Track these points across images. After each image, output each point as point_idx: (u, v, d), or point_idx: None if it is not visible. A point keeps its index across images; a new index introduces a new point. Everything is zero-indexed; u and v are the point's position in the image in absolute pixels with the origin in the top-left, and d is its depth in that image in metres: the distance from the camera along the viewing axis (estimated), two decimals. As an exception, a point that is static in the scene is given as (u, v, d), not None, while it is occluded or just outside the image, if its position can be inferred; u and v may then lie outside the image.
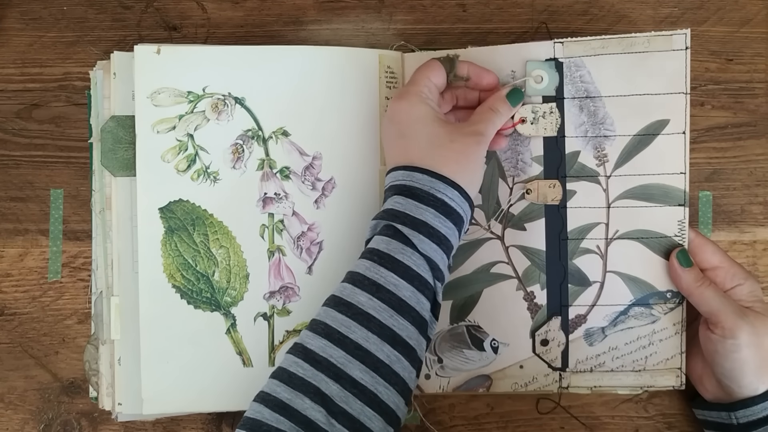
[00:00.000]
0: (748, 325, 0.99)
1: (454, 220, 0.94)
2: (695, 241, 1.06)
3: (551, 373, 1.10)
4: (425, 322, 0.91)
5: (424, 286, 0.91)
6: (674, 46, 1.05)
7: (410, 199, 0.93)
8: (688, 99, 1.06)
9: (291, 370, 0.87)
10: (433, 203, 0.93)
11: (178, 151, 1.05)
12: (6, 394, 1.12)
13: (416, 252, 0.91)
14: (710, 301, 1.01)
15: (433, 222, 0.92)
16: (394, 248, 0.91)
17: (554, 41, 1.07)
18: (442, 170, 0.94)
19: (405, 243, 0.91)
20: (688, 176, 1.06)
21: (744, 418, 1.01)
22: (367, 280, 0.90)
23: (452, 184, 0.94)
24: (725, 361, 1.00)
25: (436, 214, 0.93)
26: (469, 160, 0.97)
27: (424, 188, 0.93)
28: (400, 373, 0.88)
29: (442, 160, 0.95)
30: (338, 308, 0.89)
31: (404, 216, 0.92)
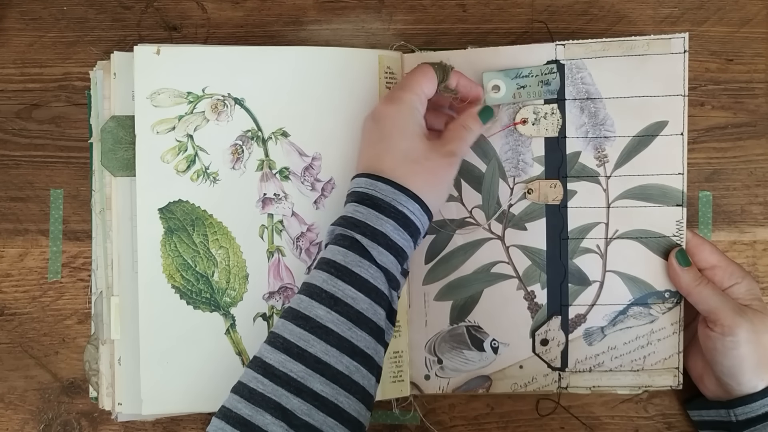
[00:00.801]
0: (747, 322, 1.00)
1: (411, 232, 0.95)
2: (693, 241, 1.06)
3: (551, 373, 1.10)
4: (382, 330, 0.91)
5: (380, 298, 0.91)
6: (672, 49, 1.07)
7: (371, 209, 0.94)
8: (686, 101, 1.07)
9: (251, 385, 0.87)
10: (394, 215, 0.93)
11: (177, 152, 1.05)
12: (6, 394, 1.12)
13: (373, 264, 0.91)
14: (709, 299, 1.02)
15: (392, 234, 0.93)
16: (351, 261, 0.91)
17: (556, 43, 1.08)
18: (408, 184, 0.95)
19: (362, 255, 0.91)
20: (686, 177, 1.07)
21: (743, 415, 1.01)
22: (325, 293, 0.90)
23: (414, 197, 0.95)
24: (724, 358, 1.01)
25: (396, 226, 0.93)
26: (438, 180, 0.98)
27: (386, 199, 0.94)
28: (360, 382, 0.89)
29: (411, 176, 0.95)
30: (296, 322, 0.89)
31: (364, 226, 0.93)
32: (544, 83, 1.06)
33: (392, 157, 0.96)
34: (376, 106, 1.00)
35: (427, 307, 1.11)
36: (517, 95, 1.06)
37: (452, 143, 1.00)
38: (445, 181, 0.99)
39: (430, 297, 1.11)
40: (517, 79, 1.05)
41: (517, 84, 1.05)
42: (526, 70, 1.05)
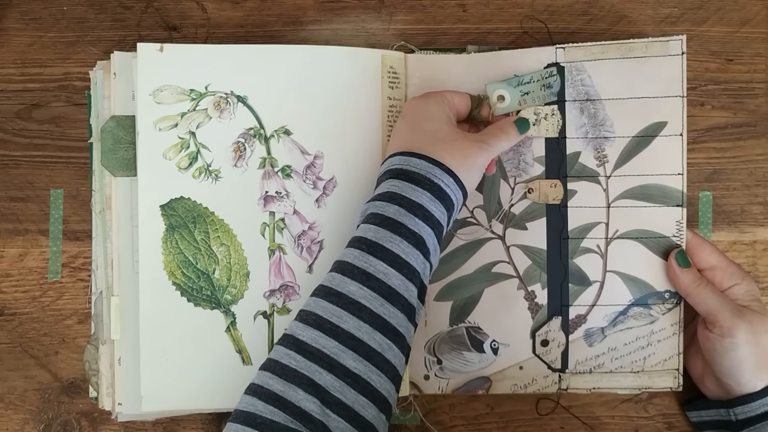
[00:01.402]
0: (746, 323, 1.00)
1: (447, 206, 0.95)
2: (693, 242, 1.07)
3: (551, 374, 1.10)
4: (413, 308, 0.91)
5: (412, 274, 0.91)
6: (671, 51, 1.08)
7: (407, 182, 0.94)
8: (685, 102, 1.07)
9: (283, 362, 0.86)
10: (429, 187, 0.93)
11: (179, 149, 1.05)
12: (6, 394, 1.12)
13: (405, 240, 0.91)
14: (708, 300, 1.02)
15: (428, 205, 0.93)
16: (382, 236, 0.91)
17: (556, 47, 1.10)
18: (442, 159, 0.95)
19: (394, 231, 0.91)
20: (685, 177, 1.08)
21: (742, 414, 1.02)
22: (357, 270, 0.90)
23: (449, 171, 0.95)
24: (723, 359, 1.01)
25: (432, 198, 0.93)
26: (468, 159, 0.98)
27: (421, 172, 0.94)
28: (392, 361, 0.88)
29: (441, 152, 0.96)
30: (328, 298, 0.89)
31: (401, 198, 0.93)
32: (547, 86, 1.07)
33: (422, 137, 0.98)
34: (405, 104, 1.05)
35: (427, 307, 1.11)
36: (522, 102, 1.07)
37: (485, 136, 1.02)
38: (474, 161, 0.99)
39: (430, 297, 1.11)
40: (520, 87, 1.06)
41: (521, 91, 1.06)
42: (527, 77, 1.06)
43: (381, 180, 0.98)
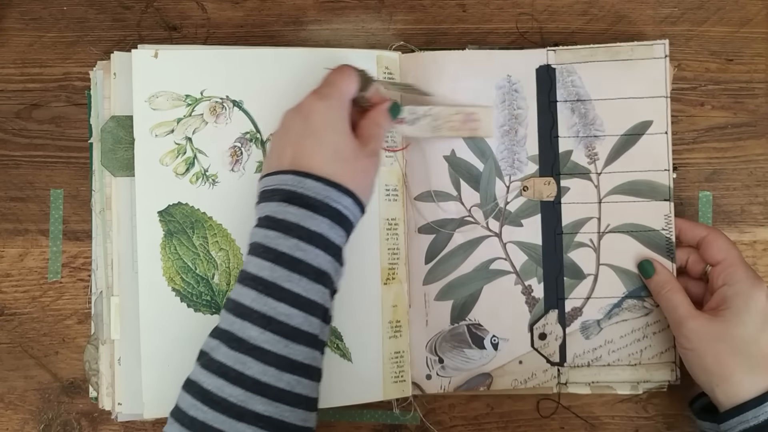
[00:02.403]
0: (688, 332, 1.01)
1: (347, 228, 0.93)
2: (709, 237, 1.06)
3: (550, 368, 1.11)
4: (316, 336, 0.89)
5: (315, 308, 0.88)
6: (654, 54, 1.10)
7: (304, 208, 0.89)
8: (668, 102, 1.10)
9: (191, 413, 0.85)
10: (329, 213, 0.90)
11: (176, 155, 1.05)
12: (6, 394, 1.12)
13: (304, 277, 0.88)
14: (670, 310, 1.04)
15: (328, 233, 0.90)
16: (279, 276, 0.88)
17: (547, 49, 1.12)
18: (341, 181, 0.92)
19: (291, 268, 0.88)
20: (671, 173, 1.10)
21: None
22: (256, 313, 0.87)
23: (346, 191, 0.92)
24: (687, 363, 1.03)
25: (331, 224, 0.90)
26: (367, 177, 0.97)
27: (319, 197, 0.90)
28: (303, 393, 0.87)
29: (342, 174, 0.92)
30: (230, 344, 0.87)
31: (298, 228, 0.89)
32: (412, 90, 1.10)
33: (322, 155, 0.92)
34: (303, 101, 0.97)
35: (428, 307, 1.11)
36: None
37: (371, 142, 0.98)
38: (372, 178, 0.98)
39: (430, 297, 1.11)
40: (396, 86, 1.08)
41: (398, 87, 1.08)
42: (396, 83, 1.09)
43: (267, 197, 0.92)
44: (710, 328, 1.00)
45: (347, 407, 1.12)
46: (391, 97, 1.06)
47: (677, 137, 1.13)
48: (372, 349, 1.09)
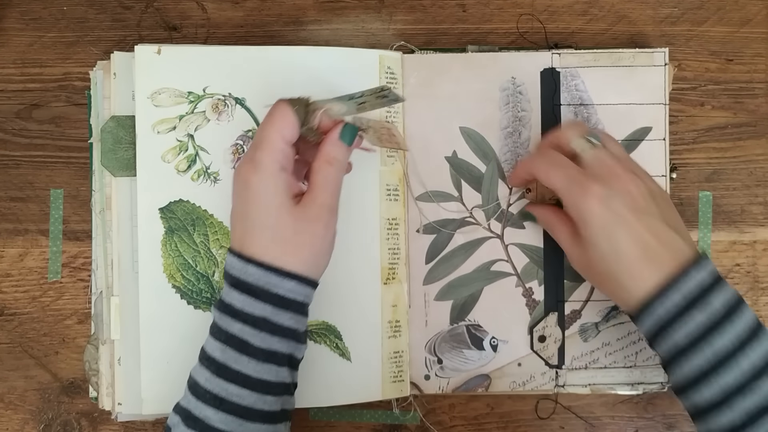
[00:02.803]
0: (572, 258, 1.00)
1: (295, 309, 0.91)
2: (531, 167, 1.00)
3: (548, 371, 1.12)
4: (276, 413, 0.90)
5: (267, 386, 0.89)
6: (655, 62, 1.12)
7: (246, 294, 0.89)
8: (667, 109, 1.11)
9: None
10: (270, 299, 0.89)
11: (178, 152, 1.05)
12: (6, 394, 1.12)
13: (253, 359, 0.88)
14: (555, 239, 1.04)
15: (273, 317, 0.89)
16: (229, 357, 0.88)
17: (552, 52, 1.12)
18: (282, 264, 0.89)
19: (240, 350, 0.88)
20: (668, 178, 1.11)
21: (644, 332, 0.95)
22: (209, 394, 0.88)
23: (289, 275, 0.89)
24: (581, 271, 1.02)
25: (275, 309, 0.89)
26: (315, 249, 0.92)
27: (259, 284, 0.89)
28: None
29: (281, 255, 0.89)
30: (187, 423, 0.89)
31: (243, 314, 0.88)
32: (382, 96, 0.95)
33: (260, 237, 0.90)
34: (239, 165, 0.91)
35: (428, 307, 1.11)
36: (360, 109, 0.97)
37: (321, 192, 0.92)
38: (322, 247, 0.93)
39: (430, 297, 1.11)
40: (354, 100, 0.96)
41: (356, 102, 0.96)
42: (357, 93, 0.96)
43: (225, 279, 0.92)
44: (582, 258, 0.98)
45: (347, 407, 1.12)
46: (346, 115, 0.95)
47: (677, 137, 1.13)
48: (371, 348, 1.09)
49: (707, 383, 0.87)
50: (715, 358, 0.87)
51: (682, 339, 0.89)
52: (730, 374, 0.87)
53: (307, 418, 1.12)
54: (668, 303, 0.89)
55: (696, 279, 0.89)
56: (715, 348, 0.87)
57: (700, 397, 0.88)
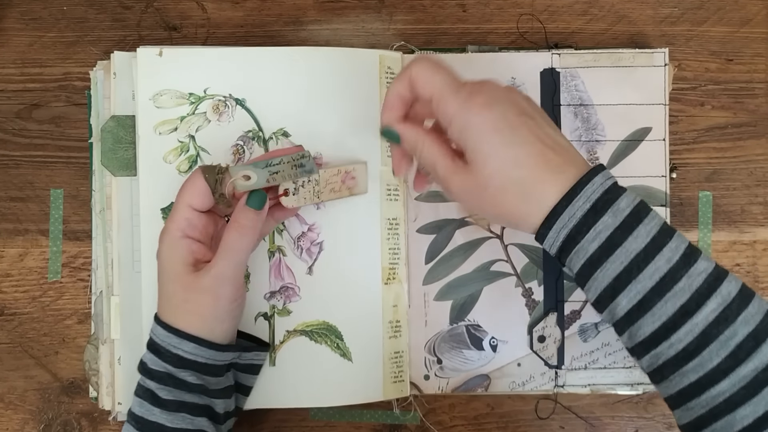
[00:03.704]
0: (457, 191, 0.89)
1: (197, 368, 0.94)
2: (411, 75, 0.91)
3: (548, 371, 1.12)
4: None
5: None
6: (654, 62, 1.12)
7: (153, 354, 0.94)
8: (667, 110, 1.12)
9: None
10: (170, 359, 0.93)
11: (179, 152, 1.05)
12: (6, 394, 1.12)
13: (164, 410, 0.92)
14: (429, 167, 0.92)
15: (176, 374, 0.93)
16: (146, 410, 0.92)
17: (551, 52, 1.13)
18: (180, 326, 0.93)
19: (153, 402, 0.92)
20: (668, 179, 1.12)
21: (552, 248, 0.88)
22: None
23: (187, 337, 0.92)
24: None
25: (175, 369, 0.93)
26: (205, 317, 0.93)
27: (162, 344, 0.93)
28: None
29: (176, 319, 0.93)
30: None
31: (154, 371, 0.93)
32: (298, 166, 0.97)
33: (162, 300, 0.95)
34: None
35: (427, 307, 1.11)
36: (272, 180, 0.96)
37: (220, 260, 0.93)
38: (216, 314, 0.94)
39: (430, 297, 1.11)
40: (268, 168, 0.96)
41: (270, 171, 0.96)
42: (276, 159, 0.96)
43: None
44: (471, 181, 0.87)
45: (347, 407, 1.12)
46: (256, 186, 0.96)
47: (677, 137, 1.13)
48: (372, 349, 1.09)
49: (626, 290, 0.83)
50: (629, 261, 0.83)
51: (593, 245, 0.84)
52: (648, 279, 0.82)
53: (307, 418, 1.12)
54: (574, 209, 0.84)
55: (599, 183, 0.84)
56: (629, 250, 0.83)
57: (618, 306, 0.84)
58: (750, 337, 0.80)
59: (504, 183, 0.86)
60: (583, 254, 0.85)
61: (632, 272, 0.82)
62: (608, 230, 0.83)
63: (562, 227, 0.85)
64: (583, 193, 0.84)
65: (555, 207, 0.84)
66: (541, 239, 0.87)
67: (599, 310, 0.87)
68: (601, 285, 0.84)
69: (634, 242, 0.83)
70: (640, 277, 0.82)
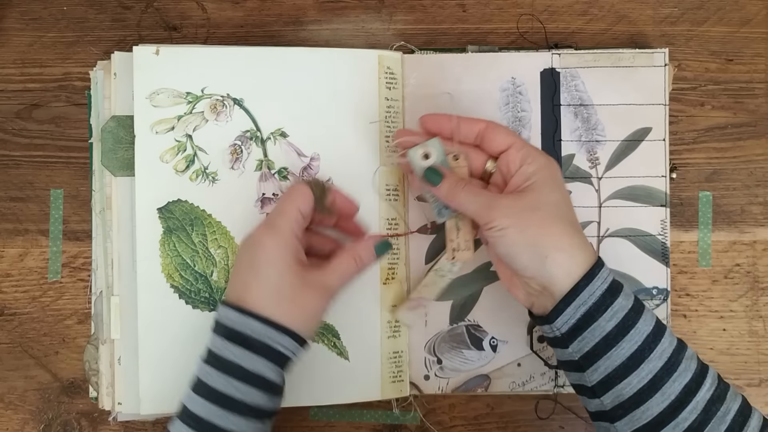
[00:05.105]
0: (506, 208, 0.92)
1: (284, 365, 0.94)
2: (488, 128, 0.99)
3: (548, 371, 1.12)
4: None
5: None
6: (655, 62, 1.12)
7: (243, 347, 0.91)
8: (667, 110, 1.12)
9: None
10: (268, 353, 0.92)
11: (176, 152, 1.05)
12: (6, 394, 1.12)
13: (235, 413, 0.90)
14: (465, 204, 0.95)
15: (266, 373, 0.92)
16: (212, 413, 0.90)
17: (552, 52, 1.13)
18: (279, 319, 0.92)
19: (224, 406, 0.90)
20: (668, 179, 1.11)
21: (564, 326, 0.92)
22: None
23: (286, 331, 0.92)
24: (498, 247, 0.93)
25: (270, 364, 0.92)
26: (309, 315, 0.96)
27: (260, 338, 0.91)
28: None
29: (282, 312, 0.92)
30: None
31: (237, 368, 0.91)
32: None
33: (263, 290, 0.94)
34: (251, 231, 0.97)
35: (427, 308, 1.11)
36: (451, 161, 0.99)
37: (334, 276, 0.98)
38: (316, 315, 0.96)
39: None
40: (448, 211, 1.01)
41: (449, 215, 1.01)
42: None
43: (215, 328, 0.95)
44: (524, 201, 0.93)
45: (347, 407, 1.13)
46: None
47: (677, 137, 1.13)
48: (370, 348, 1.09)
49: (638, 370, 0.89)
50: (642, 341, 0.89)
51: (609, 324, 0.89)
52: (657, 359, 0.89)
53: (307, 418, 1.13)
54: (594, 287, 0.90)
55: (607, 268, 0.92)
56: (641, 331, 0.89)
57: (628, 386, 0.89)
58: (738, 412, 0.88)
59: (554, 212, 0.92)
60: (599, 332, 0.90)
61: (644, 352, 0.89)
62: (623, 311, 0.90)
63: (581, 304, 0.90)
64: (600, 274, 0.90)
65: (578, 283, 0.90)
66: (556, 314, 0.91)
67: (598, 392, 0.92)
68: (614, 364, 0.89)
69: (644, 324, 0.90)
70: (651, 356, 0.89)
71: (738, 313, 1.14)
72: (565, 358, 0.94)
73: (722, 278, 1.14)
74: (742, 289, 1.14)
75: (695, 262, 1.13)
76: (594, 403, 0.93)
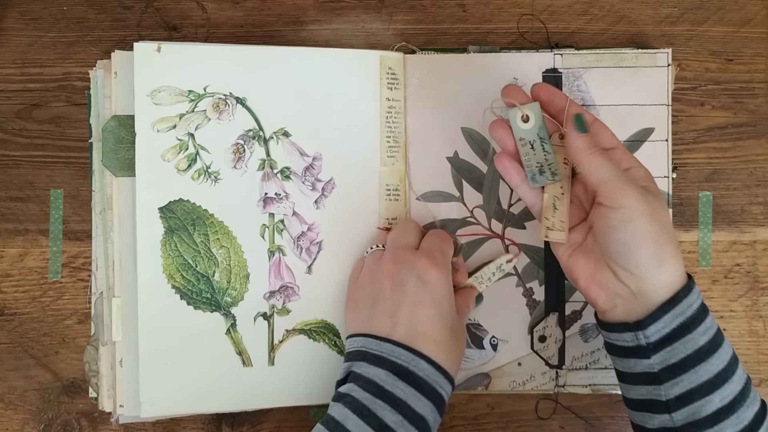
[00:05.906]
0: (640, 195, 0.89)
1: (441, 412, 0.93)
2: (596, 123, 0.96)
3: (548, 371, 1.12)
4: None
5: None
6: (657, 63, 1.12)
7: (413, 387, 0.90)
8: (670, 110, 1.12)
9: None
10: (435, 398, 0.91)
11: (178, 151, 1.05)
12: (6, 394, 1.12)
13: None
14: (600, 169, 0.91)
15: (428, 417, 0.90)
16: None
17: (554, 53, 1.13)
18: (447, 365, 0.93)
19: None
20: (671, 180, 1.12)
21: (655, 335, 0.89)
22: None
23: (449, 377, 0.93)
24: (619, 232, 0.89)
25: (433, 409, 0.91)
26: (461, 357, 0.99)
27: (430, 382, 0.90)
28: None
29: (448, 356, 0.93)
30: None
31: (405, 406, 0.88)
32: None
33: (442, 329, 0.94)
34: (419, 263, 0.96)
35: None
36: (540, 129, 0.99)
37: (464, 317, 1.03)
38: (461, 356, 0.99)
39: (430, 297, 1.11)
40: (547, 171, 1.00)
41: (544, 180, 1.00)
42: None
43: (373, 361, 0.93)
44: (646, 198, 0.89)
45: (347, 407, 1.12)
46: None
47: (677, 137, 1.13)
48: (370, 347, 1.08)
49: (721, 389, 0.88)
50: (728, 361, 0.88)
51: (703, 338, 0.88)
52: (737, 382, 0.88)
53: (307, 417, 1.12)
54: (691, 300, 0.88)
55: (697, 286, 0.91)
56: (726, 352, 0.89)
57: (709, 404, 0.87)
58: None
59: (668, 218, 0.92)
60: (692, 345, 0.88)
61: (728, 373, 0.88)
62: (714, 328, 0.89)
63: (679, 314, 0.88)
64: (695, 289, 0.90)
65: (678, 292, 0.88)
66: (651, 320, 0.89)
67: (673, 407, 0.89)
68: (700, 379, 0.87)
69: (728, 347, 0.90)
70: (733, 378, 0.88)
71: (738, 313, 1.14)
72: (639, 369, 0.91)
73: (722, 278, 1.14)
74: (742, 289, 1.14)
75: (695, 261, 1.14)
76: (659, 419, 0.90)
